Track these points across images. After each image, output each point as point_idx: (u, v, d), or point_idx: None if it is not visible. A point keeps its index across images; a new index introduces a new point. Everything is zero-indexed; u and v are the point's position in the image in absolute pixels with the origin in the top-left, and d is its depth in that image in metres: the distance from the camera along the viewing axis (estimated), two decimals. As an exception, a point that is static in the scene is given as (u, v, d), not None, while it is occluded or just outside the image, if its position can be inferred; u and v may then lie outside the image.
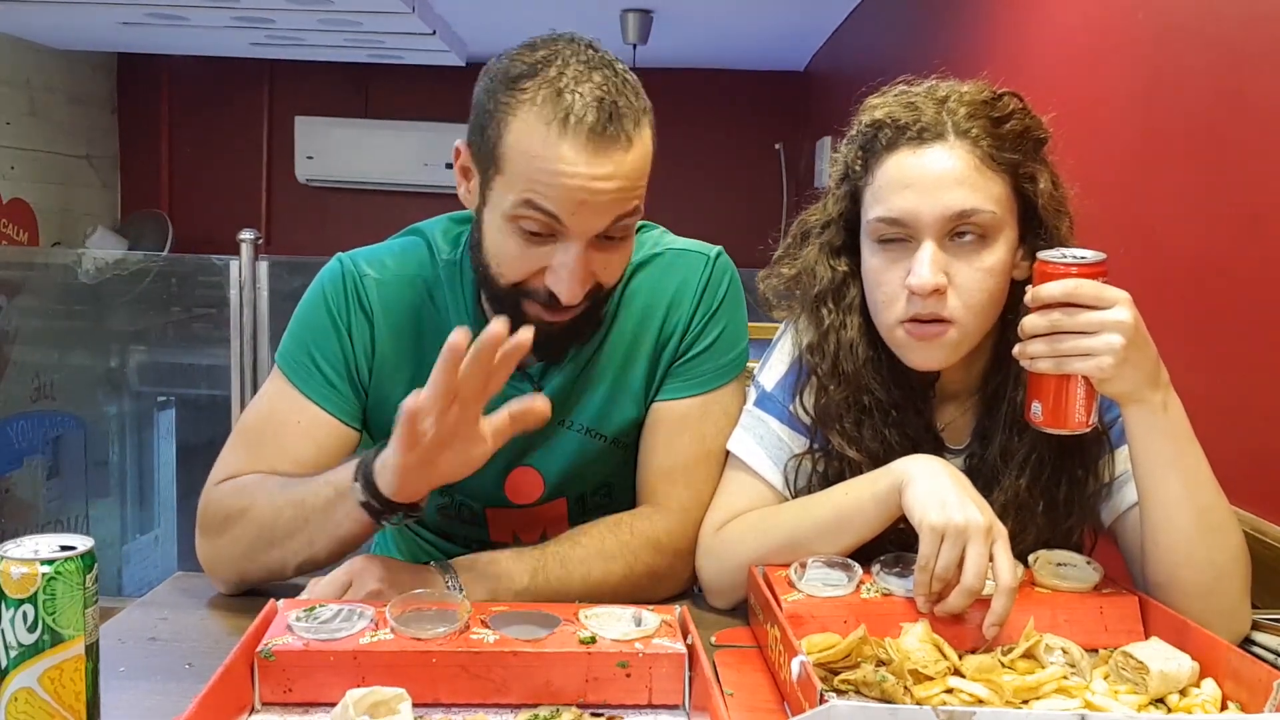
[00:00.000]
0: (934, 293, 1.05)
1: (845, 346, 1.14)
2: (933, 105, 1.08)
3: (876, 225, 1.09)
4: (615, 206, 1.08)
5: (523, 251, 1.10)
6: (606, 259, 1.12)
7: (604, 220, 1.08)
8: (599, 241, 1.10)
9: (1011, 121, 1.08)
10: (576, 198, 1.05)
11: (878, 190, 1.09)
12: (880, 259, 1.10)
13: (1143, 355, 0.99)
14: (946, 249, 1.06)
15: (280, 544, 1.11)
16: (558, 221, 1.07)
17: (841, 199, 1.15)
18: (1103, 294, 0.98)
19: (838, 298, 1.16)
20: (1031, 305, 1.01)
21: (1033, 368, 1.02)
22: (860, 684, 0.89)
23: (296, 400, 1.20)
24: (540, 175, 1.05)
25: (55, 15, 4.45)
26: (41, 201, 5.24)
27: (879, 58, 3.98)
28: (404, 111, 5.68)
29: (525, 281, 1.12)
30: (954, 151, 1.06)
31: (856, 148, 1.12)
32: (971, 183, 1.05)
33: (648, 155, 1.11)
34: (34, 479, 3.71)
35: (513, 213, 1.08)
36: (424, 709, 0.88)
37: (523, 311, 1.13)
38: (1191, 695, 0.90)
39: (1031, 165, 1.09)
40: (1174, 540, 1.04)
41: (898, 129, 1.08)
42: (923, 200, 1.05)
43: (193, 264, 3.37)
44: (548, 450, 1.25)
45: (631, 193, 1.09)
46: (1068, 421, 1.02)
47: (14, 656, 0.76)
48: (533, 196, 1.06)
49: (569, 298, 1.09)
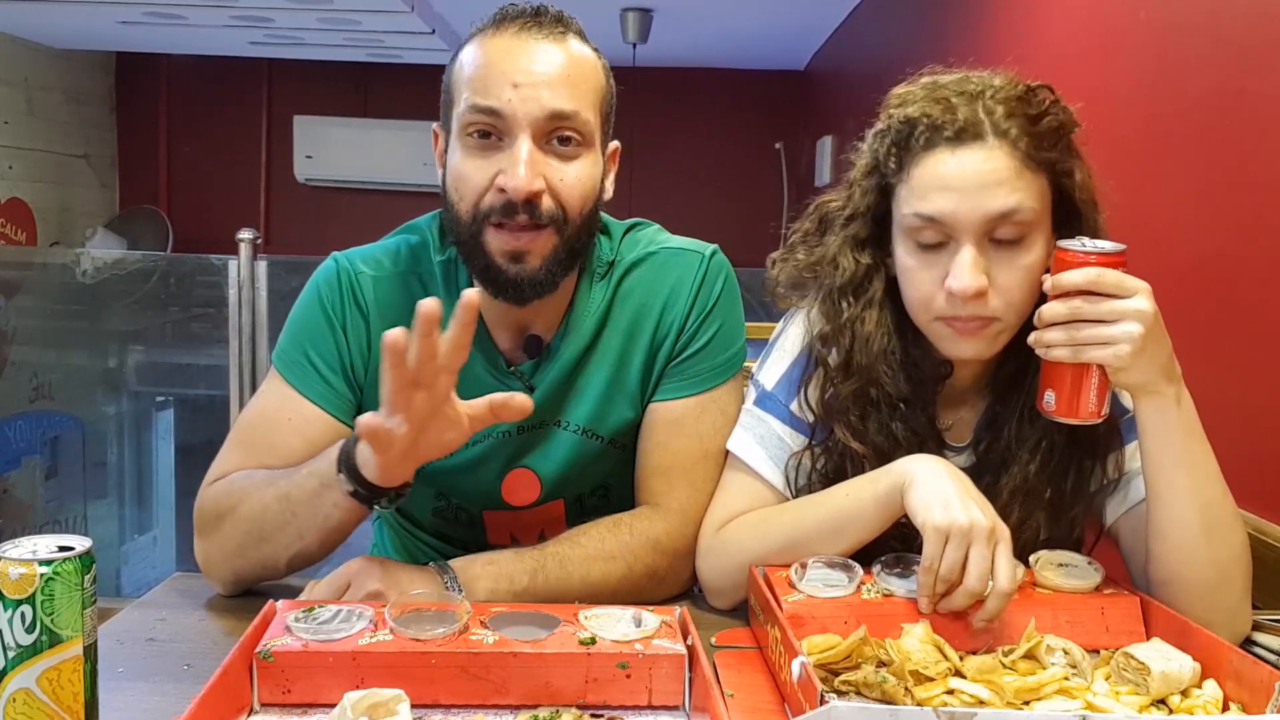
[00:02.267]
0: (976, 296, 1.04)
1: (861, 340, 1.13)
2: (967, 102, 1.06)
3: (913, 221, 1.07)
4: (553, 91, 1.11)
5: (475, 164, 1.13)
6: (561, 170, 1.13)
7: (541, 100, 1.11)
8: (547, 146, 1.12)
9: (1047, 118, 1.06)
10: (510, 79, 1.11)
11: (914, 188, 1.07)
12: (916, 259, 1.09)
13: (1159, 347, 0.99)
14: (986, 250, 1.05)
15: (270, 538, 1.10)
16: (498, 114, 1.11)
17: (869, 192, 1.13)
18: (1124, 283, 0.98)
19: (859, 292, 1.15)
20: (1051, 293, 1.00)
21: (1048, 356, 1.02)
22: (861, 685, 0.89)
23: (291, 397, 1.20)
24: (477, 73, 1.13)
25: (53, 14, 4.45)
26: (40, 201, 5.24)
27: (879, 57, 3.98)
28: (403, 111, 5.67)
29: (481, 199, 1.13)
30: (994, 153, 1.04)
31: (889, 143, 1.10)
32: (1012, 183, 1.04)
33: (589, 67, 1.16)
34: (32, 479, 3.70)
35: (462, 123, 1.13)
36: (423, 710, 0.87)
37: (487, 250, 1.14)
38: (1193, 696, 0.90)
39: (1068, 160, 1.08)
40: (1179, 537, 1.03)
41: (934, 128, 1.06)
42: (963, 202, 1.04)
43: (191, 264, 3.36)
44: (544, 452, 1.25)
45: (571, 89, 1.12)
46: (1081, 411, 1.02)
47: (12, 657, 0.76)
48: (472, 95, 1.12)
49: (517, 185, 1.10)
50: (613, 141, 1.22)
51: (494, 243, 1.13)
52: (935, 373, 1.15)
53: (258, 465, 1.16)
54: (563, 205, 1.13)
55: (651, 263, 1.26)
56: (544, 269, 1.15)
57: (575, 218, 1.15)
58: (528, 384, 1.23)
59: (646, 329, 1.25)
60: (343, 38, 4.77)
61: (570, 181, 1.13)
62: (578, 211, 1.15)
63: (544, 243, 1.13)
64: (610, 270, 1.25)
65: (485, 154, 1.12)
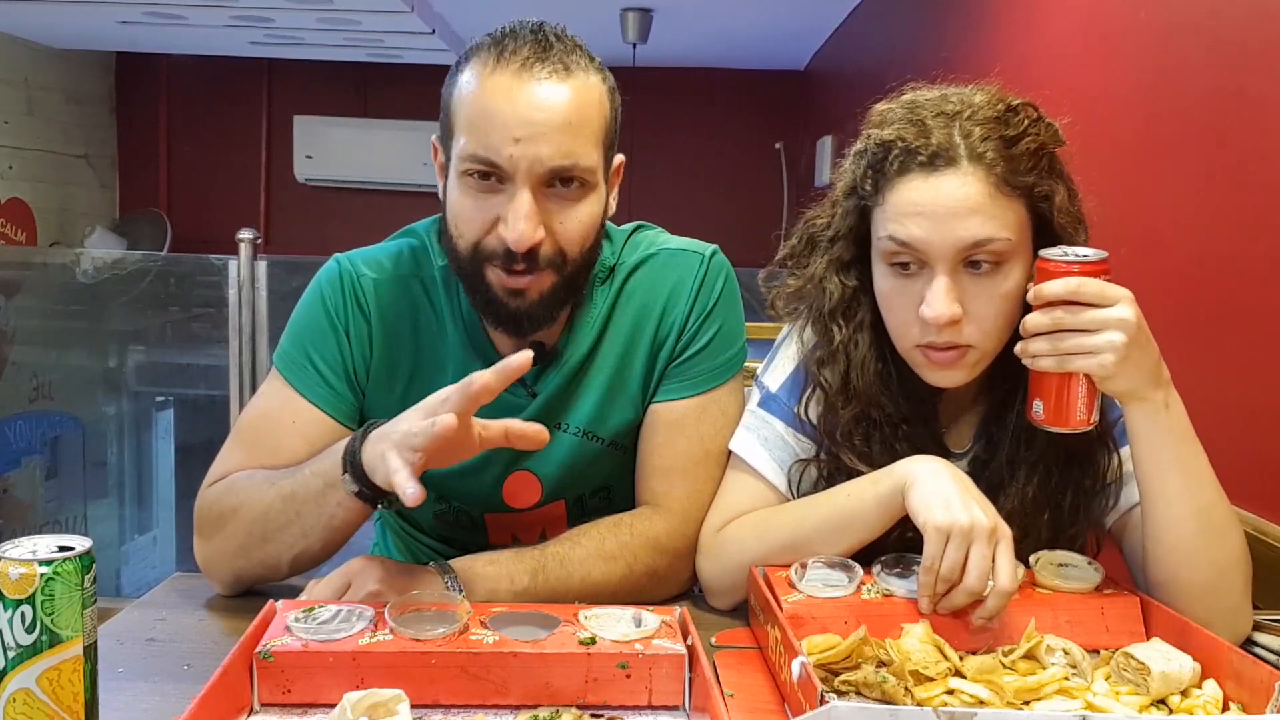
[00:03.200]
0: (949, 324, 1.04)
1: (857, 365, 1.13)
2: (943, 124, 1.05)
3: (888, 244, 1.06)
4: (555, 144, 1.08)
5: (475, 204, 1.11)
6: (561, 214, 1.12)
7: (542, 157, 1.08)
8: (548, 191, 1.11)
9: (1026, 140, 1.05)
10: (511, 132, 1.07)
11: (889, 212, 1.06)
12: (893, 283, 1.08)
13: (1144, 354, 0.99)
14: (960, 277, 1.04)
15: (274, 538, 1.10)
16: (498, 165, 1.08)
17: (850, 213, 1.13)
18: (1105, 292, 0.97)
19: (848, 315, 1.14)
20: (1034, 303, 1.00)
21: (1034, 366, 1.02)
22: (861, 685, 0.89)
23: (293, 400, 1.19)
24: (478, 115, 1.09)
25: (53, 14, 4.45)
26: (40, 201, 5.24)
27: (879, 58, 3.98)
28: (403, 111, 5.67)
29: (481, 241, 1.12)
30: (967, 179, 1.03)
31: (865, 165, 1.09)
32: (986, 211, 1.02)
33: (594, 102, 1.12)
34: (32, 479, 3.70)
35: (461, 166, 1.11)
36: (423, 710, 0.87)
37: (486, 283, 1.14)
38: (1193, 696, 0.90)
39: (1046, 184, 1.06)
40: (1175, 540, 1.03)
41: (908, 152, 1.04)
42: (935, 229, 1.03)
43: (191, 264, 3.36)
44: (545, 454, 1.24)
45: (574, 137, 1.09)
46: (1069, 420, 1.02)
47: (12, 657, 0.76)
48: (473, 138, 1.09)
49: (517, 239, 1.09)
50: (617, 156, 1.21)
51: (494, 278, 1.14)
52: (932, 390, 1.15)
53: (259, 466, 1.16)
54: (562, 249, 1.13)
55: (652, 264, 1.26)
56: (541, 305, 1.15)
57: (575, 258, 1.15)
58: (531, 390, 1.23)
59: (648, 330, 1.25)
60: (343, 38, 4.77)
61: (571, 225, 1.13)
62: (577, 252, 1.15)
63: (541, 282, 1.14)
64: (612, 274, 1.25)
65: (485, 195, 1.11)
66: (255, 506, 1.11)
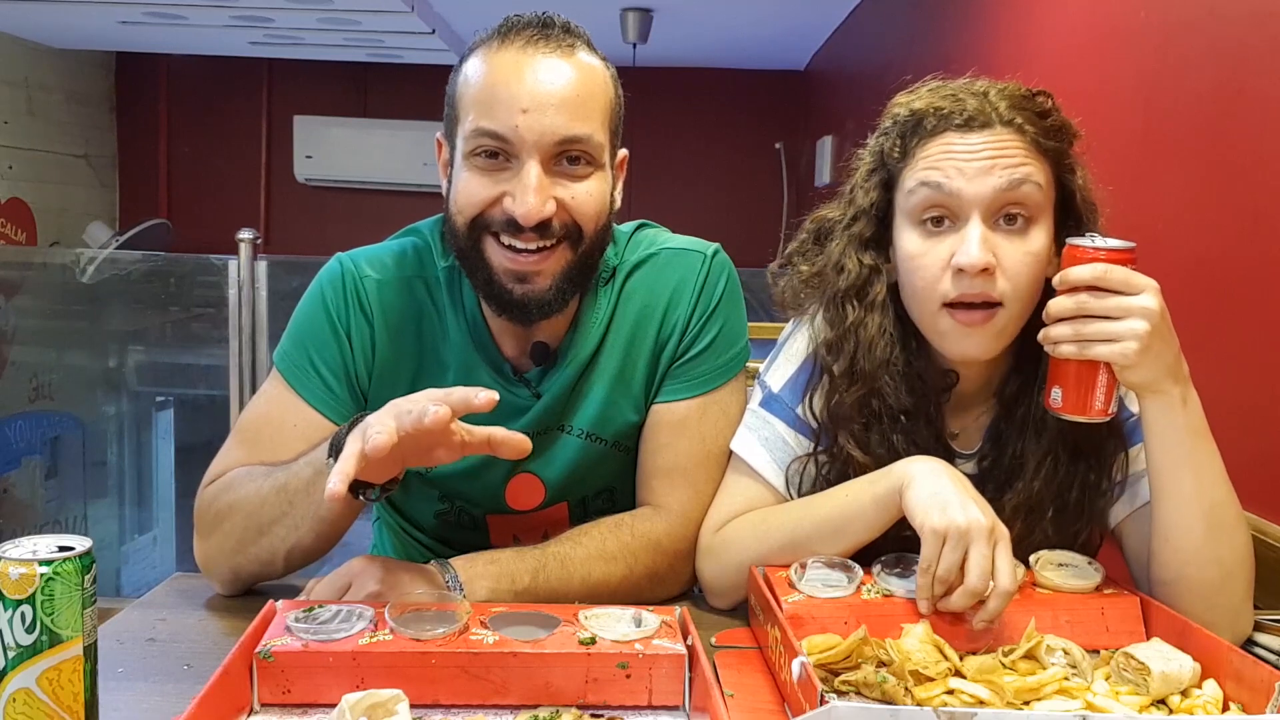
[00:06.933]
0: (983, 272, 1.04)
1: (864, 345, 1.13)
2: (974, 97, 1.08)
3: (921, 195, 1.07)
4: (562, 115, 1.09)
5: (481, 182, 1.11)
6: (570, 188, 1.12)
7: (551, 127, 1.08)
8: (555, 168, 1.11)
9: (1052, 116, 1.08)
10: (518, 103, 1.08)
11: (921, 165, 1.08)
12: (920, 240, 1.08)
13: (1166, 346, 0.99)
14: (992, 235, 1.05)
15: (268, 531, 1.10)
16: (505, 138, 1.08)
17: (872, 189, 1.14)
18: (1131, 280, 0.98)
19: (862, 294, 1.14)
20: (1059, 288, 1.00)
21: (1055, 352, 1.01)
22: (861, 685, 0.89)
23: (294, 403, 1.19)
24: (484, 93, 1.10)
25: (53, 14, 4.44)
26: (40, 201, 5.23)
27: (879, 58, 3.98)
28: (403, 111, 5.68)
29: (483, 212, 1.12)
30: (1002, 135, 1.06)
31: (895, 135, 1.11)
32: (1021, 158, 1.05)
33: (599, 82, 1.14)
34: (32, 479, 3.70)
35: (468, 145, 1.11)
36: (423, 710, 0.87)
37: (486, 261, 1.13)
38: (1193, 696, 0.90)
39: (1071, 158, 1.09)
40: (1183, 537, 1.03)
41: (943, 116, 1.07)
42: (972, 178, 1.05)
43: (191, 264, 3.36)
44: (548, 456, 1.24)
45: (580, 110, 1.10)
46: (1088, 408, 1.01)
47: (12, 657, 0.76)
48: (478, 118, 1.10)
49: (526, 212, 1.08)
50: (621, 150, 1.21)
51: (495, 257, 1.13)
52: (940, 383, 1.14)
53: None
54: (577, 220, 1.13)
55: (653, 263, 1.26)
56: (553, 288, 1.14)
57: (590, 233, 1.14)
58: (535, 391, 1.23)
59: (650, 331, 1.24)
60: (343, 38, 4.77)
61: (581, 198, 1.13)
62: (592, 227, 1.14)
63: (555, 261, 1.13)
64: (614, 275, 1.25)
65: (492, 174, 1.11)
66: (251, 500, 1.11)
